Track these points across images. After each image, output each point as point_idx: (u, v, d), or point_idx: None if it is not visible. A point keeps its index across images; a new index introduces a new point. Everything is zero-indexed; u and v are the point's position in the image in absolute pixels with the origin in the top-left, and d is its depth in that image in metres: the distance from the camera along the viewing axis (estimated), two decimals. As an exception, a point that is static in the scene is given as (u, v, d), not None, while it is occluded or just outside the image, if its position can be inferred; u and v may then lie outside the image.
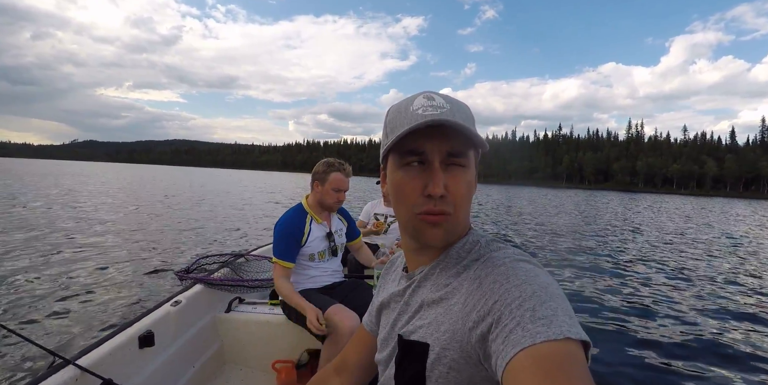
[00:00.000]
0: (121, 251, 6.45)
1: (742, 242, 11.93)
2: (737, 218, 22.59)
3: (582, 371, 0.44)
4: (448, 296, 0.63)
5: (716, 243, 11.31)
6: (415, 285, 0.72)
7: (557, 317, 0.49)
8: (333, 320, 1.87)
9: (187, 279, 2.40)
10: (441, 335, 0.61)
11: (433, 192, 0.61)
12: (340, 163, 2.18)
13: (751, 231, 15.43)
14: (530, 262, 0.62)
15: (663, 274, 6.82)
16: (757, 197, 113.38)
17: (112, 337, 1.59)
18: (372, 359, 0.85)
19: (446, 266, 0.68)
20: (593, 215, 19.73)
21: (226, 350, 2.30)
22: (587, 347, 0.48)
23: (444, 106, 0.63)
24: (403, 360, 0.67)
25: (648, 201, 44.69)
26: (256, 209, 15.19)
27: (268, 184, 39.82)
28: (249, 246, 6.03)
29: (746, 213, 28.68)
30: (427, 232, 0.65)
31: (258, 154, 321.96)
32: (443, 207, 0.63)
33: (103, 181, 29.53)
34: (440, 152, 0.62)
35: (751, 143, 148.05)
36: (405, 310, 0.72)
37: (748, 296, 5.59)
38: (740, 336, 4.02)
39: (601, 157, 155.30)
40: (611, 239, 11.15)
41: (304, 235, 2.13)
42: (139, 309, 3.83)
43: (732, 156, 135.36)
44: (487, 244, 0.68)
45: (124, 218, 10.20)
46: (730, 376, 3.18)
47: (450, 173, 0.63)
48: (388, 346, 0.75)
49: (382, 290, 0.88)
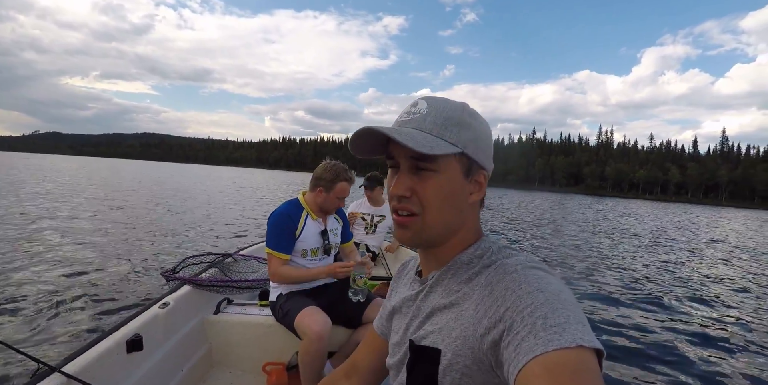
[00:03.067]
0: (103, 252, 6.13)
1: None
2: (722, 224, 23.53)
3: (595, 379, 0.44)
4: (460, 302, 0.64)
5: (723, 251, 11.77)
6: (427, 290, 0.72)
7: (570, 324, 0.48)
8: (302, 324, 1.86)
9: (174, 280, 2.35)
10: (453, 341, 0.61)
11: (391, 191, 0.67)
12: (346, 170, 2.14)
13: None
14: (542, 269, 0.62)
15: (676, 279, 6.99)
16: (716, 203, 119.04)
17: (98, 342, 1.54)
18: (382, 362, 0.85)
19: (457, 271, 0.68)
20: (590, 219, 20.23)
21: (214, 353, 2.25)
22: (601, 355, 0.48)
23: (420, 112, 0.66)
24: (414, 365, 0.68)
25: (622, 205, 46.11)
26: (241, 207, 14.77)
27: (246, 181, 39.10)
28: (236, 246, 5.88)
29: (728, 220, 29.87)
30: (397, 231, 0.70)
31: (232, 149, 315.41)
32: (408, 206, 0.66)
33: (75, 176, 28.17)
34: (406, 157, 0.66)
35: (712, 153, 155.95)
36: (417, 315, 0.73)
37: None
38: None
39: (573, 161, 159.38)
40: (597, 241, 11.47)
41: (298, 228, 2.10)
42: (125, 312, 3.69)
43: (694, 164, 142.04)
44: (499, 250, 0.69)
45: (101, 217, 9.71)
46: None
47: (419, 177, 0.65)
48: (400, 351, 0.75)
49: (394, 294, 0.89)
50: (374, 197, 3.72)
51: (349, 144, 0.68)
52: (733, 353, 3.90)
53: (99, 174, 33.76)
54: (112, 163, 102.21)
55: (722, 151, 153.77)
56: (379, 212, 3.77)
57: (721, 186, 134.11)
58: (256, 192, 24.41)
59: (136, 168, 62.56)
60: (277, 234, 2.06)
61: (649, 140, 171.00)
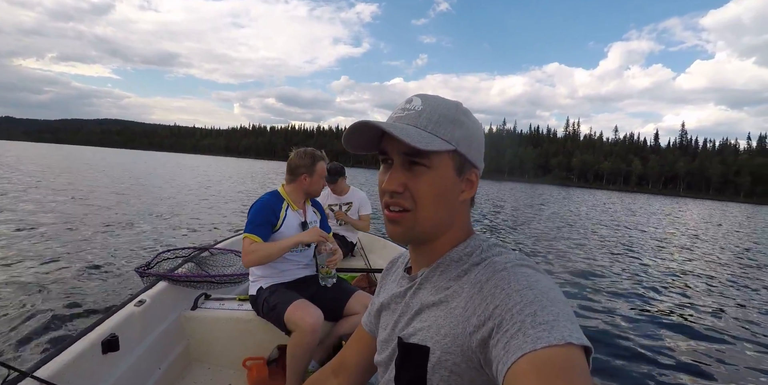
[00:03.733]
0: (70, 247, 5.75)
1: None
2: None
3: (583, 377, 0.44)
4: (449, 299, 0.64)
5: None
6: (416, 287, 0.72)
7: (558, 322, 0.49)
8: (294, 317, 1.85)
9: (149, 276, 2.28)
10: (441, 339, 0.61)
11: (384, 187, 0.67)
12: (317, 150, 2.25)
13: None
14: (532, 267, 0.62)
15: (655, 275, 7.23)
16: (674, 194, 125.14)
17: (72, 344, 1.48)
18: (371, 359, 0.86)
19: (447, 269, 0.69)
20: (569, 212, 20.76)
21: (193, 349, 2.21)
22: (589, 352, 0.48)
23: (415, 108, 0.66)
24: (403, 363, 0.68)
25: (592, 196, 47.59)
26: (215, 198, 14.31)
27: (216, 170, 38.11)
28: (213, 239, 5.70)
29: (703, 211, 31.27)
30: (387, 227, 0.70)
31: (200, 137, 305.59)
32: (400, 201, 0.66)
33: (33, 165, 26.54)
34: (399, 153, 0.66)
35: (672, 146, 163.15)
36: (405, 312, 0.73)
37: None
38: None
39: (541, 152, 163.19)
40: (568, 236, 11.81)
41: (279, 219, 2.08)
42: (99, 311, 3.52)
43: (655, 156, 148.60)
44: (489, 248, 0.69)
45: (64, 209, 9.15)
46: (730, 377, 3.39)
47: (413, 172, 0.65)
48: (388, 348, 0.75)
49: (382, 291, 0.88)
50: (338, 188, 3.70)
51: (344, 139, 0.68)
52: (708, 339, 4.16)
53: (59, 162, 32.06)
54: (71, 150, 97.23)
55: (681, 144, 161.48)
56: (346, 200, 3.77)
57: (680, 178, 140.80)
58: (229, 182, 23.84)
59: (99, 156, 59.64)
60: (255, 221, 2.03)
61: (613, 133, 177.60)
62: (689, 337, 4.21)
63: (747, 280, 7.26)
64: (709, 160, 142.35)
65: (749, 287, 6.67)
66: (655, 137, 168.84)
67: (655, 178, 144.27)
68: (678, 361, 3.61)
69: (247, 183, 23.89)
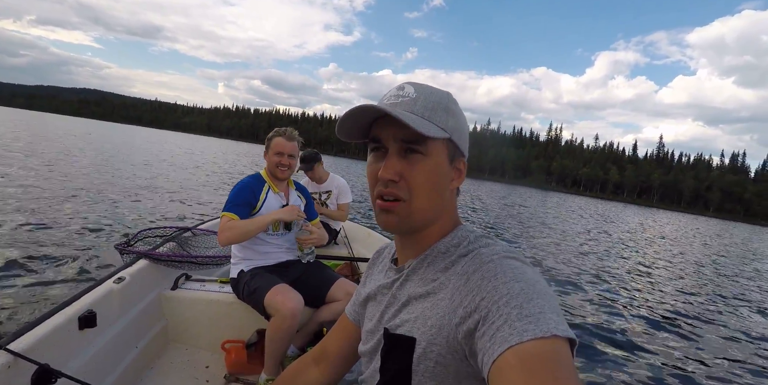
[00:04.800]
0: (47, 219, 5.53)
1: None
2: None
3: (568, 369, 0.45)
4: (436, 291, 0.64)
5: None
6: (403, 278, 0.73)
7: (544, 314, 0.49)
8: (274, 301, 1.85)
9: (130, 253, 2.24)
10: (428, 330, 0.61)
11: (380, 175, 0.65)
12: (284, 129, 2.18)
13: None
14: (518, 259, 0.62)
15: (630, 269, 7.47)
16: (648, 204, 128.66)
17: (48, 318, 1.45)
18: (353, 349, 0.86)
19: (434, 260, 0.69)
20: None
21: (171, 330, 2.18)
22: (573, 344, 0.49)
23: (409, 95, 0.66)
24: (389, 353, 0.68)
25: (579, 202, 48.53)
26: (198, 176, 13.98)
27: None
28: (195, 219, 5.57)
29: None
30: (380, 217, 0.68)
31: (181, 114, 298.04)
32: (395, 191, 0.65)
33: (5, 130, 25.28)
34: (395, 139, 0.65)
35: (649, 157, 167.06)
36: (392, 303, 0.73)
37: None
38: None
39: (523, 154, 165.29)
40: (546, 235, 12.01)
41: (258, 200, 2.08)
42: (77, 287, 3.41)
43: (632, 166, 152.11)
44: (476, 239, 0.69)
45: (41, 178, 8.77)
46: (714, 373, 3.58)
47: (408, 160, 0.65)
48: (374, 338, 0.75)
49: (368, 281, 0.89)
50: (315, 176, 3.65)
51: (339, 124, 0.67)
52: (687, 338, 4.41)
53: (34, 129, 30.76)
54: (46, 117, 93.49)
55: (658, 157, 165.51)
56: (325, 188, 3.72)
57: (654, 189, 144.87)
58: (215, 163, 23.37)
59: (76, 125, 57.57)
60: (235, 201, 2.03)
61: (594, 140, 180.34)
62: (662, 329, 4.51)
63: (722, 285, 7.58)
64: (683, 174, 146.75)
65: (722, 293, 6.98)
66: (633, 148, 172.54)
67: (630, 188, 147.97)
68: (656, 351, 3.85)
69: (235, 165, 23.44)
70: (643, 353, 3.80)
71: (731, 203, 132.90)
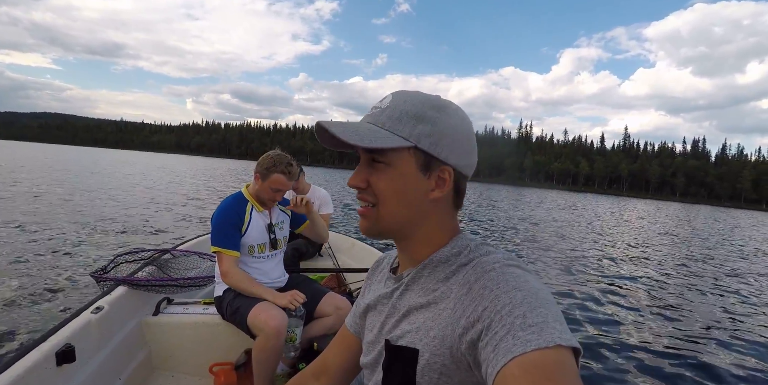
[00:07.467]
0: (16, 250, 5.25)
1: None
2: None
3: (573, 379, 0.44)
4: (437, 301, 0.64)
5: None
6: (402, 288, 0.72)
7: (548, 323, 0.48)
8: (258, 320, 1.81)
9: (106, 281, 2.15)
10: (430, 341, 0.61)
11: (348, 182, 0.69)
12: (289, 164, 2.04)
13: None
14: (520, 267, 0.61)
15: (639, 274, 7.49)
16: (618, 194, 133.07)
17: (23, 356, 1.37)
18: (354, 361, 0.84)
19: (434, 269, 0.68)
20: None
21: (155, 357, 2.11)
22: (578, 353, 0.48)
23: (381, 106, 0.68)
24: (391, 365, 0.67)
25: (567, 197, 49.40)
26: (174, 197, 13.35)
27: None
28: (174, 241, 5.36)
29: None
30: (360, 221, 0.72)
31: (148, 133, 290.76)
32: (365, 196, 0.69)
33: None
34: (362, 150, 0.68)
35: (616, 148, 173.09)
36: (392, 313, 0.72)
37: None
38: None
39: (496, 153, 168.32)
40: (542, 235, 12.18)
41: (244, 223, 2.02)
42: (53, 319, 3.25)
43: (601, 158, 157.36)
44: (476, 248, 0.68)
45: (7, 207, 8.41)
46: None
47: (373, 169, 0.67)
48: (375, 350, 0.74)
49: (368, 291, 0.88)
50: (300, 188, 3.63)
51: (317, 137, 0.71)
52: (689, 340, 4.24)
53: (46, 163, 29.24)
54: (5, 145, 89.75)
55: (624, 147, 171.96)
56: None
57: (623, 178, 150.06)
58: (189, 181, 22.82)
59: (39, 152, 55.45)
60: (224, 231, 1.97)
61: (563, 135, 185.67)
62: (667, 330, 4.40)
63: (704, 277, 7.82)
64: (648, 163, 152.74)
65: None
66: (601, 140, 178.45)
67: (600, 179, 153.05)
68: (660, 355, 3.70)
69: (210, 182, 22.96)
70: (648, 358, 3.65)
71: (695, 186, 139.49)
